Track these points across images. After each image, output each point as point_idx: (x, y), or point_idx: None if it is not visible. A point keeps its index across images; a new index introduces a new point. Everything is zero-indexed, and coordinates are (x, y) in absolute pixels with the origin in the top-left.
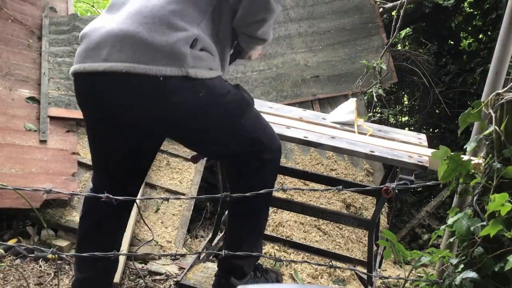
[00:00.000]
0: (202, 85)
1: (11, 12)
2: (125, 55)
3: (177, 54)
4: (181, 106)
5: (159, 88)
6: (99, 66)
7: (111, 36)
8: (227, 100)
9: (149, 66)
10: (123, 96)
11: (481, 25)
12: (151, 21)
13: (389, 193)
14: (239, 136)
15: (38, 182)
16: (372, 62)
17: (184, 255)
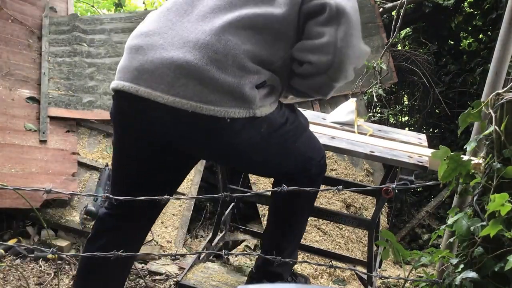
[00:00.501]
0: (264, 121)
1: (11, 12)
2: (191, 92)
3: (246, 97)
4: (243, 144)
5: (223, 129)
6: (159, 97)
7: (176, 66)
8: (286, 130)
9: (217, 107)
10: (182, 131)
11: (481, 25)
12: (224, 59)
13: (389, 193)
14: (293, 158)
15: (38, 182)
16: (372, 62)
17: (184, 255)
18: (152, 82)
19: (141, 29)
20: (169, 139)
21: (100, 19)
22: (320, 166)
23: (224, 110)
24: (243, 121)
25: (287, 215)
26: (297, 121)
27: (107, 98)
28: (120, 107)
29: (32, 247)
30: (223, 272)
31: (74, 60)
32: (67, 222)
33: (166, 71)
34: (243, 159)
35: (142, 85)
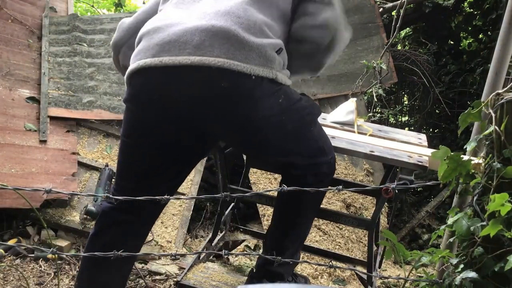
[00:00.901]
0: (282, 91)
1: (11, 12)
2: (218, 49)
3: (268, 56)
4: (263, 113)
5: (249, 87)
6: (185, 60)
7: (201, 30)
8: (302, 106)
9: (244, 64)
10: (207, 95)
11: (481, 25)
12: (246, 22)
13: (389, 193)
14: (307, 144)
15: (38, 182)
16: (372, 62)
17: (184, 255)
18: (176, 50)
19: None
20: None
21: (100, 19)
22: (330, 165)
23: (250, 67)
24: (265, 82)
25: (291, 215)
26: (311, 101)
27: (107, 98)
28: (141, 87)
29: (32, 247)
30: (223, 272)
31: (74, 60)
32: (67, 222)
33: (190, 36)
34: (259, 135)
35: (166, 55)
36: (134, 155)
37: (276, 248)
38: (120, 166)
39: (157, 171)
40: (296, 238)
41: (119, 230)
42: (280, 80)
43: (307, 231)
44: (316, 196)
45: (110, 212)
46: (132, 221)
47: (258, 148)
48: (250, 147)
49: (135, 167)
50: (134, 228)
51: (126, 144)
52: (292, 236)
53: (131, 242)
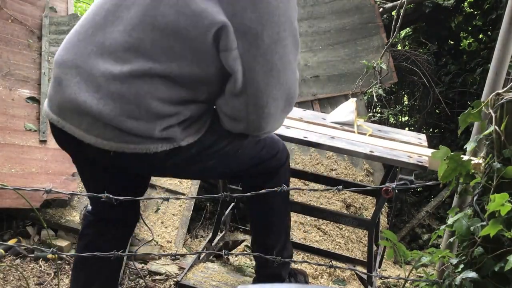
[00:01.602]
0: (191, 146)
1: (11, 12)
2: (110, 134)
3: (166, 138)
4: (175, 167)
5: (149, 159)
6: (83, 137)
7: (91, 112)
8: (219, 146)
9: (138, 145)
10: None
11: (481, 25)
12: (136, 109)
13: (389, 193)
14: (241, 162)
15: (38, 182)
16: (372, 62)
17: (184, 255)
18: (74, 120)
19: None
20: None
21: None
22: (277, 159)
23: (146, 147)
24: (168, 152)
25: (262, 215)
26: (232, 136)
27: None
28: (56, 135)
29: (32, 247)
30: (223, 272)
31: None
32: (67, 222)
33: (83, 113)
34: (187, 173)
35: (67, 121)
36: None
37: (263, 250)
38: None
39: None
40: (277, 234)
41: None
42: (186, 144)
43: (286, 224)
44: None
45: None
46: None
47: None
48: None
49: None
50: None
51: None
52: (273, 234)
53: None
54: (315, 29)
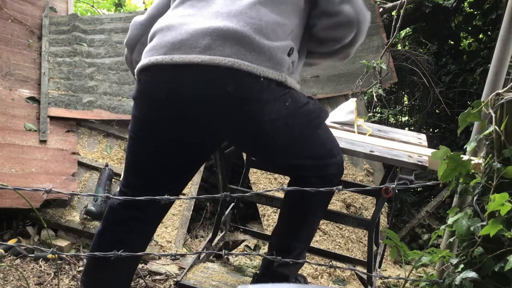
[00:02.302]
0: (289, 94)
1: (11, 12)
2: (229, 50)
3: (279, 59)
4: (270, 116)
5: (257, 88)
6: (195, 58)
7: (212, 30)
8: (309, 109)
9: (254, 65)
10: (215, 91)
11: (481, 25)
12: (258, 23)
13: (389, 193)
14: (315, 147)
15: (38, 182)
16: (372, 62)
17: (184, 255)
18: (187, 48)
19: (168, 14)
20: (201, 110)
21: (100, 19)
22: (338, 166)
23: (260, 69)
24: (274, 88)
25: (299, 216)
26: (318, 104)
27: (107, 98)
28: (151, 84)
29: (32, 247)
30: (223, 272)
31: (74, 60)
32: (67, 222)
33: (202, 36)
34: (265, 138)
35: (176, 53)
36: (140, 152)
37: (283, 248)
38: (128, 162)
39: (162, 169)
40: (304, 238)
41: (126, 227)
42: (289, 84)
43: (314, 232)
44: (324, 196)
45: (118, 209)
46: (139, 218)
47: (264, 150)
48: (256, 149)
49: (141, 164)
50: (141, 226)
51: (133, 141)
52: (300, 237)
53: (138, 240)
54: None
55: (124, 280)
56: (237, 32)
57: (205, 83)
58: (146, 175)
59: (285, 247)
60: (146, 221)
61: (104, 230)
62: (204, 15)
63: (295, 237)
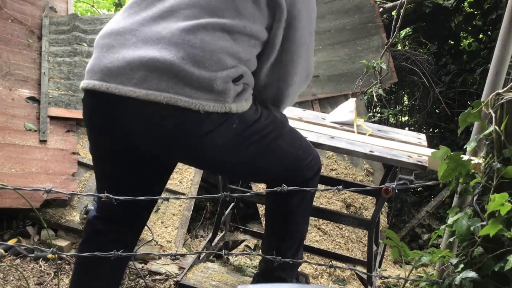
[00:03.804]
0: (235, 116)
1: (11, 12)
2: (165, 84)
3: (221, 89)
4: (215, 144)
5: (196, 123)
6: (130, 92)
7: (148, 60)
8: (261, 126)
9: (192, 100)
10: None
11: (481, 25)
12: (201, 54)
13: (389, 193)
14: (278, 159)
15: (38, 182)
16: (372, 62)
17: (184, 255)
18: (123, 78)
19: (111, 26)
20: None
21: (100, 19)
22: (310, 167)
23: (199, 103)
24: (216, 117)
25: (282, 219)
26: (272, 116)
27: None
28: (91, 108)
29: (32, 247)
30: (223, 272)
31: (74, 60)
32: (67, 222)
33: (138, 66)
34: (218, 162)
35: (113, 82)
36: (99, 168)
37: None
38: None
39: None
40: (293, 241)
41: (105, 239)
42: (235, 111)
43: (302, 233)
44: (305, 196)
45: (94, 221)
46: (115, 230)
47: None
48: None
49: (103, 180)
50: (119, 237)
51: (93, 157)
52: (288, 241)
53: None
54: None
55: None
56: (174, 65)
57: (142, 118)
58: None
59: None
60: (123, 233)
61: (85, 242)
62: (146, 35)
63: (284, 242)
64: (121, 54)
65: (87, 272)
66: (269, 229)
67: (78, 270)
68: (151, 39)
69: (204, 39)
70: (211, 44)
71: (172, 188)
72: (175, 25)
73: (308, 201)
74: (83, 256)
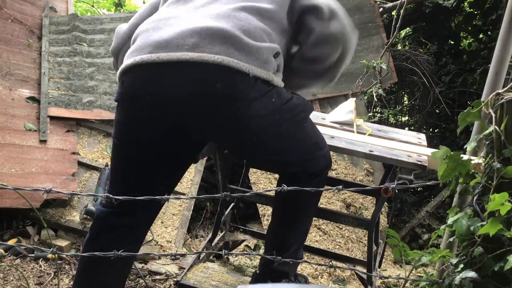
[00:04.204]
0: (274, 90)
1: (11, 12)
2: (217, 48)
3: (266, 59)
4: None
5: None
6: (183, 56)
7: (200, 29)
8: (294, 104)
9: (243, 62)
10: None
11: (481, 25)
12: (247, 26)
13: (388, 193)
14: (302, 141)
15: (38, 182)
16: (372, 62)
17: (184, 255)
18: (174, 47)
19: (155, 16)
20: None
21: (100, 19)
22: (326, 158)
23: (249, 66)
24: (261, 85)
25: (292, 212)
26: (302, 98)
27: (107, 98)
28: (134, 84)
29: (32, 247)
30: (223, 272)
31: (74, 60)
32: (67, 222)
33: (190, 34)
34: (254, 135)
35: (163, 51)
36: (126, 157)
37: (279, 246)
38: (114, 169)
39: (148, 174)
40: (299, 234)
41: (115, 235)
42: (275, 83)
43: (308, 227)
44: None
45: (106, 216)
46: (127, 224)
47: (252, 148)
48: (244, 147)
49: (128, 169)
50: (130, 232)
51: (118, 147)
52: (295, 233)
53: (129, 246)
54: None
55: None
56: (226, 31)
57: (194, 82)
58: (132, 182)
59: (281, 244)
60: (134, 227)
61: (92, 239)
62: (192, 16)
63: (289, 233)
64: (170, 30)
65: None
66: (278, 220)
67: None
68: (198, 17)
69: (247, 16)
70: (253, 21)
71: None
72: (220, 6)
73: (318, 197)
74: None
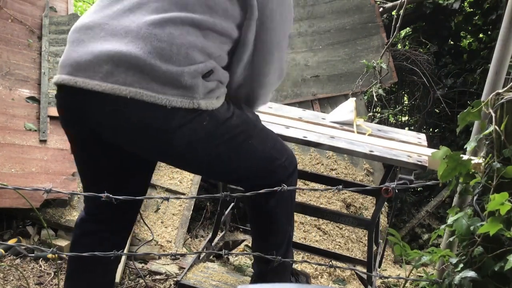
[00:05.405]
0: (206, 113)
1: (11, 12)
2: (131, 79)
3: (189, 84)
4: (184, 140)
5: (165, 118)
6: (96, 86)
7: (114, 54)
8: (232, 125)
9: (159, 95)
10: (119, 122)
11: (481, 25)
12: (168, 48)
13: (388, 193)
14: (249, 158)
15: (38, 182)
16: (372, 62)
17: (184, 255)
18: (90, 71)
19: (83, 20)
20: (109, 136)
21: None
22: (284, 167)
23: (166, 98)
24: (184, 114)
25: (263, 222)
26: (245, 115)
27: None
28: (62, 102)
29: (32, 247)
30: (223, 272)
31: None
32: (67, 221)
33: (105, 59)
34: (185, 160)
35: (80, 76)
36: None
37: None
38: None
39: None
40: (279, 242)
41: (95, 240)
42: (204, 108)
43: (288, 232)
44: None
45: (82, 224)
46: (104, 230)
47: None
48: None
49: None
50: (108, 237)
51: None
52: (274, 243)
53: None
54: (315, 29)
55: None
56: (140, 59)
57: (111, 113)
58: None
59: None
60: (111, 233)
61: (74, 243)
62: (114, 29)
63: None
64: (89, 48)
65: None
66: (253, 233)
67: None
68: (119, 33)
69: (172, 33)
70: (179, 39)
71: (172, 188)
72: (143, 18)
73: (286, 201)
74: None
